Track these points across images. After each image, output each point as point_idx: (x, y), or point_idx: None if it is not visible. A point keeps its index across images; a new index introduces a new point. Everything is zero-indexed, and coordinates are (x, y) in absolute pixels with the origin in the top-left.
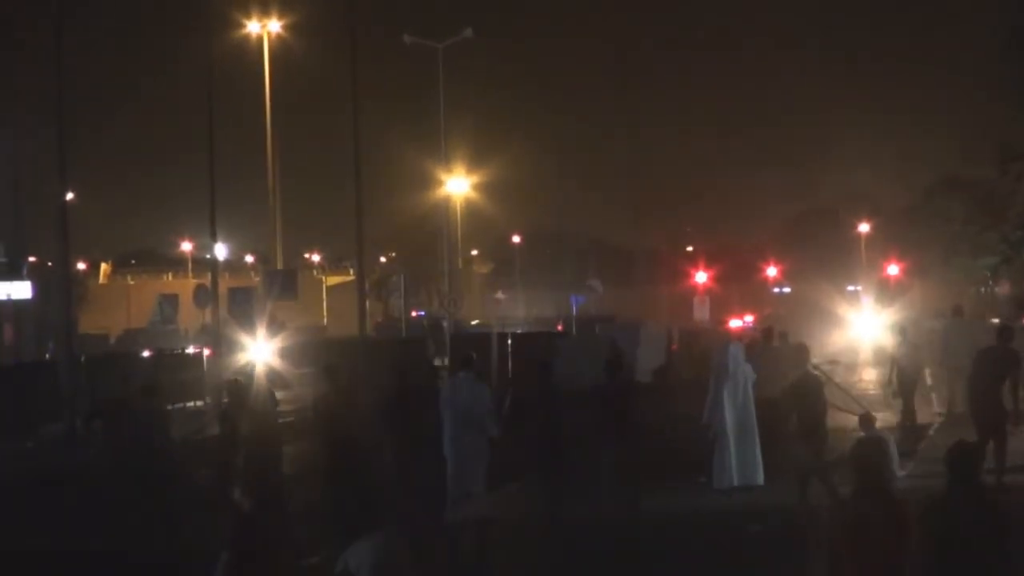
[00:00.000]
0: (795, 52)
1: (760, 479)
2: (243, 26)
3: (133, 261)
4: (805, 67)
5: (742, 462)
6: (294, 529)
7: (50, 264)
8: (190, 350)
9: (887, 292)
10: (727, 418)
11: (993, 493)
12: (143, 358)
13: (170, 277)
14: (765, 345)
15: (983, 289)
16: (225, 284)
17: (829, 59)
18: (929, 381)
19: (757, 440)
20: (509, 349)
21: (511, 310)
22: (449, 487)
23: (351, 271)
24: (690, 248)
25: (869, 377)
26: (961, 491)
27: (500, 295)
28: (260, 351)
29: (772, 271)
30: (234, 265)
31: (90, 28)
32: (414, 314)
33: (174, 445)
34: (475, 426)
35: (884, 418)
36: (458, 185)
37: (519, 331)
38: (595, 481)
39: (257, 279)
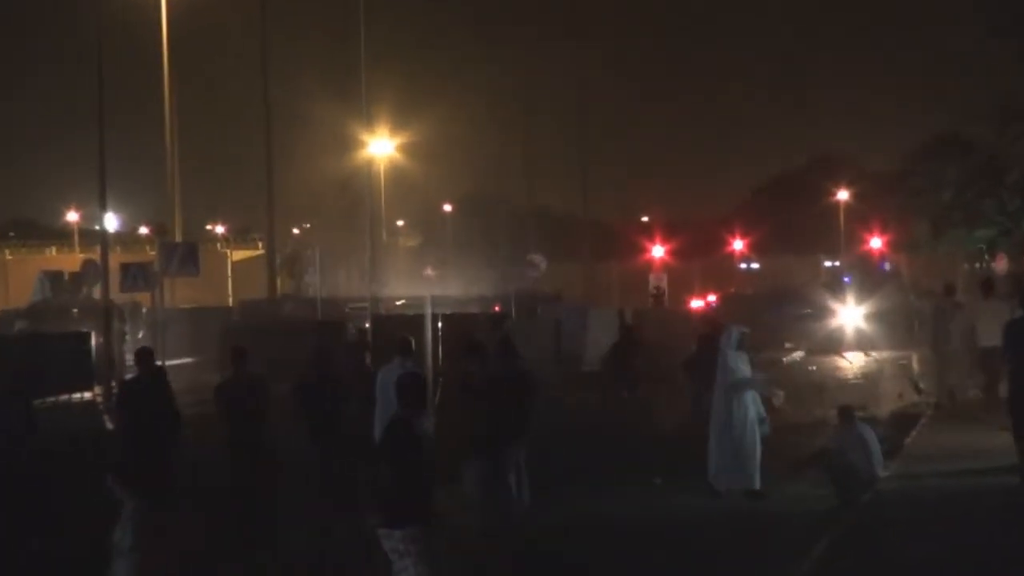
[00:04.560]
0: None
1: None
2: None
3: (12, 233)
4: (779, 15)
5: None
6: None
7: None
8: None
9: (872, 276)
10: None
11: None
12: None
13: (54, 251)
14: None
15: (978, 265)
16: (116, 259)
17: (805, 7)
18: (917, 368)
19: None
20: (440, 333)
21: (443, 288)
22: None
23: (260, 244)
24: (645, 218)
25: (849, 363)
26: None
27: (430, 272)
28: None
29: (738, 244)
30: (127, 238)
31: None
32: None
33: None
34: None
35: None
36: (382, 147)
37: (449, 312)
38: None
39: (153, 253)
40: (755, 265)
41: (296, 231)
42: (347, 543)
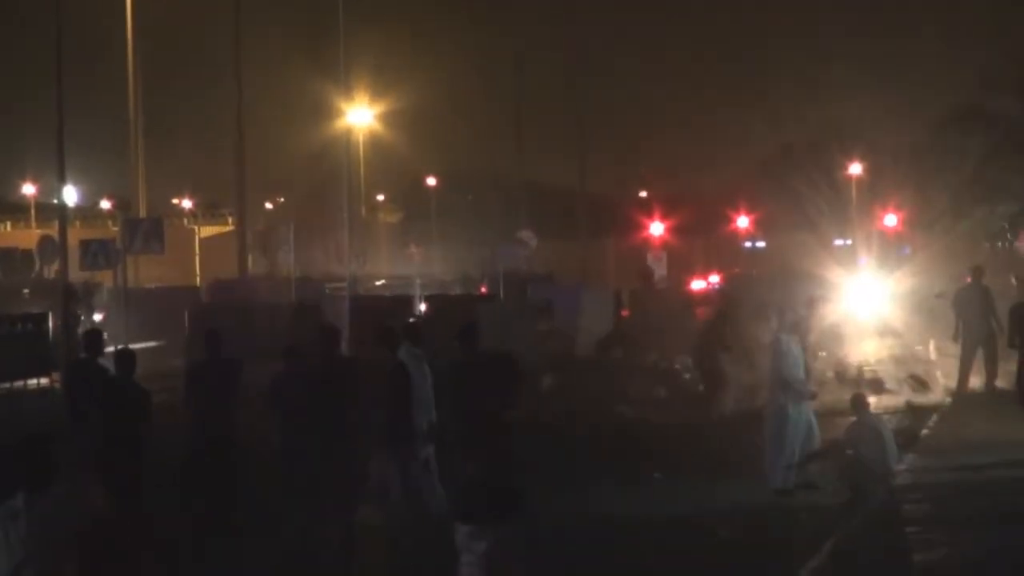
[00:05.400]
0: None
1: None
2: None
3: None
4: None
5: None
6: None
7: None
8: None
9: (891, 254)
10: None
11: None
12: None
13: (9, 227)
14: None
15: (1001, 244)
16: (76, 235)
17: None
18: (933, 357)
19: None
20: (422, 316)
21: (427, 267)
22: None
23: (230, 220)
24: (644, 193)
25: (868, 349)
26: None
27: (412, 249)
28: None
29: (743, 222)
30: (87, 212)
31: None
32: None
33: None
34: (422, 411)
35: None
36: (361, 116)
37: (432, 294)
38: None
39: (115, 229)
40: (760, 244)
41: (269, 206)
42: (329, 540)
